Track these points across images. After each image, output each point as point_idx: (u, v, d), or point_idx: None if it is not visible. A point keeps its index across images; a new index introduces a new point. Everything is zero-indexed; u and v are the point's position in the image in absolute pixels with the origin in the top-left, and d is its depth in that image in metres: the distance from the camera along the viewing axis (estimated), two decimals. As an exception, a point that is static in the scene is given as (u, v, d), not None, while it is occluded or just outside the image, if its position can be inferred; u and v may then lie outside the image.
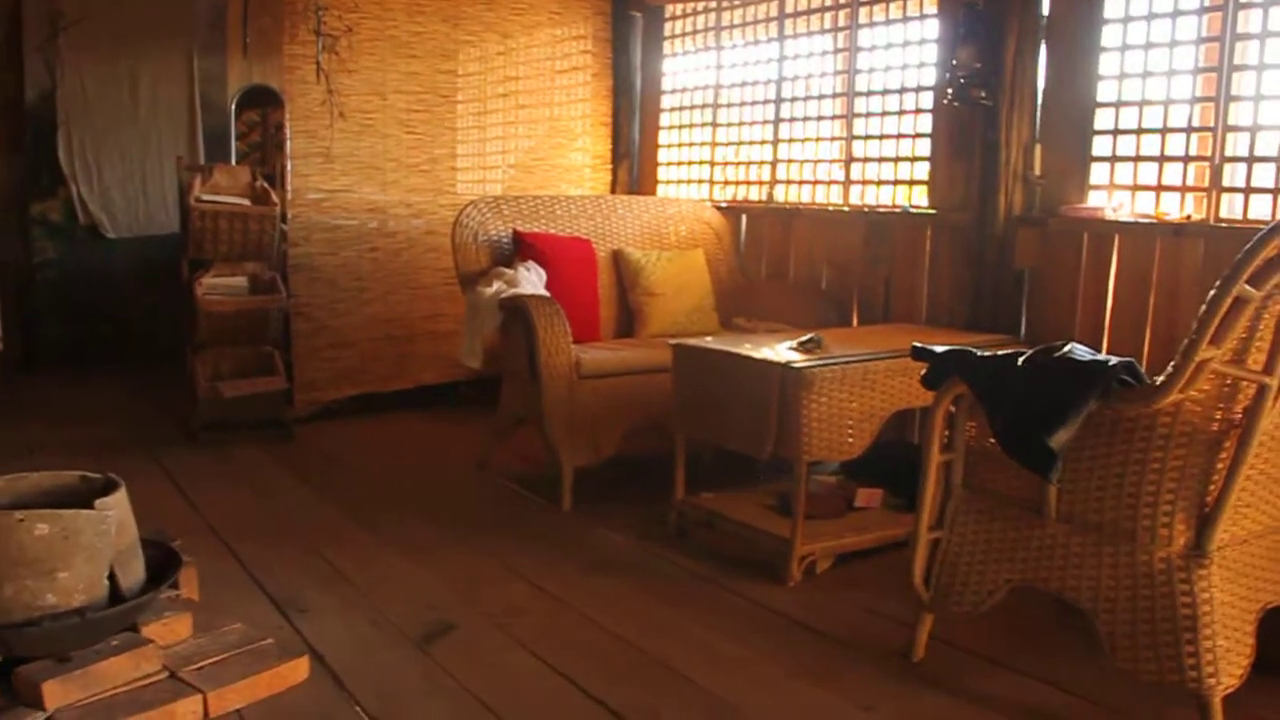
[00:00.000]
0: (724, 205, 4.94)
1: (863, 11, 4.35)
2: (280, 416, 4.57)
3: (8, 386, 5.20)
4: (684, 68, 5.37)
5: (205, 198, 4.43)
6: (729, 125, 5.06)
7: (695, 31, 5.28)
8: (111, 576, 2.21)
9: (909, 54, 4.16)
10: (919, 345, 2.52)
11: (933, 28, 4.03)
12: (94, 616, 2.15)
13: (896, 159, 4.24)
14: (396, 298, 5.02)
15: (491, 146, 5.36)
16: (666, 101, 5.48)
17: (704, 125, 5.22)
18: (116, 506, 2.21)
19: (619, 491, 3.85)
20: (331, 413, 4.87)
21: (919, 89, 4.12)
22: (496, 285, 3.85)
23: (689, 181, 5.32)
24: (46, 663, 2.15)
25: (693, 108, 5.30)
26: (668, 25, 5.44)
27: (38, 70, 6.02)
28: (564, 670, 2.47)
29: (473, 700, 2.32)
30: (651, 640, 2.65)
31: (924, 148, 4.10)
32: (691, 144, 5.32)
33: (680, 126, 5.40)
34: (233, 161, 6.17)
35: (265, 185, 4.60)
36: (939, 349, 2.45)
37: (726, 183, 5.10)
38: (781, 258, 4.68)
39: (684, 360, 3.34)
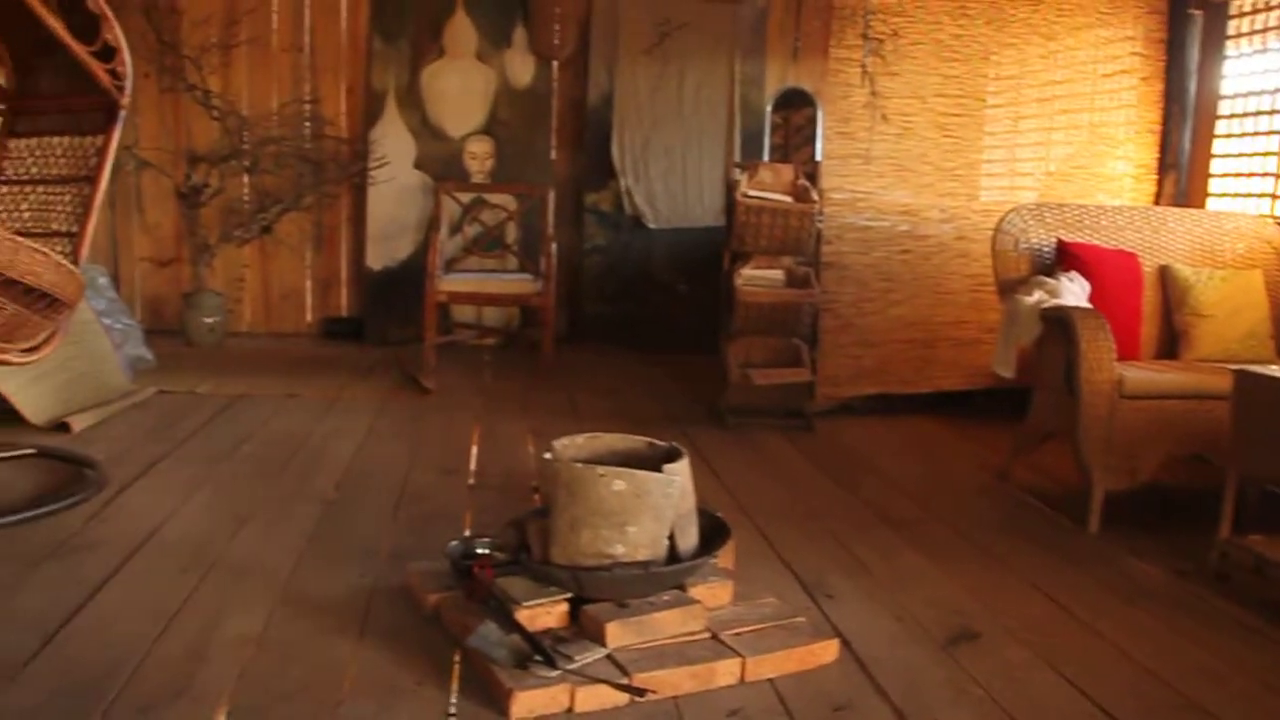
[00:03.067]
0: (1290, 223, 4.49)
1: None
2: (802, 408, 4.72)
3: (557, 355, 5.76)
4: (1247, 70, 4.92)
5: (751, 193, 4.66)
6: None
7: (1266, 29, 4.81)
8: (670, 537, 2.39)
9: None
10: None
11: None
12: (655, 571, 2.34)
13: None
14: (922, 301, 5.01)
15: (1025, 153, 5.20)
16: (1225, 107, 5.05)
17: (1270, 134, 4.75)
18: (681, 474, 2.39)
19: (1150, 520, 3.62)
20: (849, 409, 4.96)
21: None
22: (1038, 294, 3.74)
23: (1245, 195, 4.87)
24: (609, 605, 2.36)
25: (1256, 114, 4.84)
26: (1232, 24, 5.01)
27: (599, 74, 6.62)
28: (1095, 698, 2.35)
29: (1002, 715, 2.27)
30: (1189, 684, 2.46)
31: None
32: (1252, 154, 4.86)
33: (1239, 135, 4.95)
34: (766, 159, 6.45)
35: (806, 184, 4.75)
36: None
37: (1294, 198, 4.62)
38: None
39: (1251, 390, 3.06)
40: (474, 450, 4.15)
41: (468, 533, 3.12)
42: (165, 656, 2.35)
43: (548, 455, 2.50)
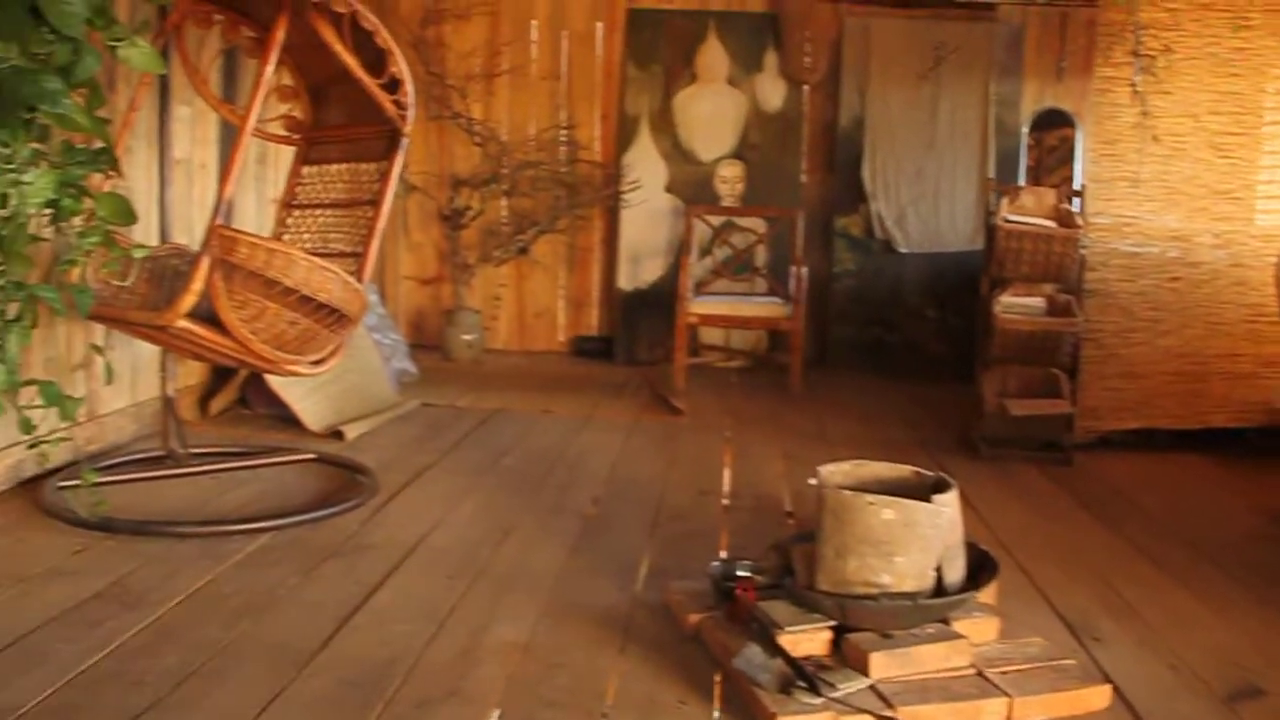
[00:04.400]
0: None
1: None
2: (1059, 440, 4.56)
3: (804, 379, 5.76)
4: None
5: (1012, 218, 4.56)
6: None
7: None
8: (937, 569, 2.36)
9: None
10: None
11: None
12: (922, 602, 2.32)
13: None
14: (1192, 332, 4.76)
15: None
16: None
17: None
18: (950, 505, 2.36)
19: None
20: (1109, 443, 4.76)
21: None
22: (1329, 327, 3.52)
23: None
24: (873, 635, 2.35)
25: None
26: None
27: (851, 97, 6.60)
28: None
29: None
30: None
31: None
32: None
33: None
34: (1020, 182, 6.28)
35: (1069, 208, 4.61)
36: None
37: None
38: None
39: None
40: (726, 471, 4.20)
41: (725, 554, 3.17)
42: (438, 657, 2.48)
43: (813, 481, 2.52)
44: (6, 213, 2.51)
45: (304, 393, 4.58)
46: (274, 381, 4.49)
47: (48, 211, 2.64)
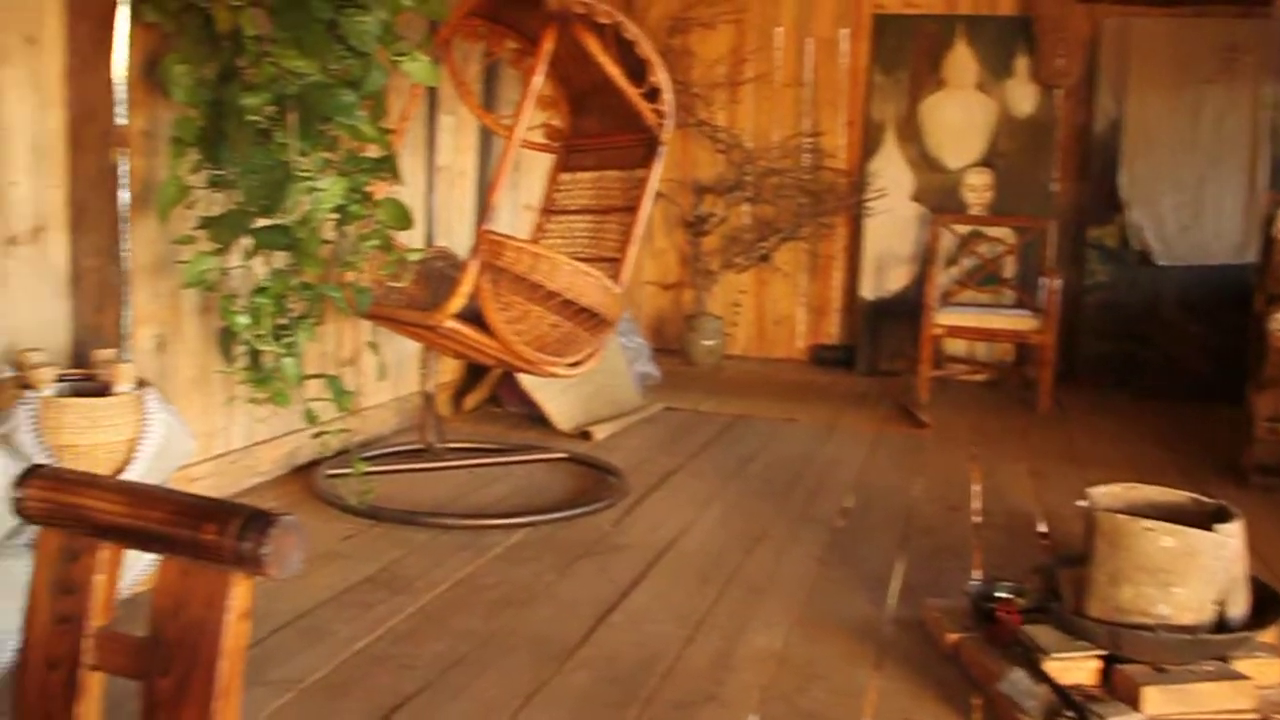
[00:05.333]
0: None
1: None
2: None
3: (1053, 394, 5.57)
4: None
5: (1294, 232, 4.29)
6: None
7: None
8: (1219, 603, 2.25)
9: None
10: None
11: None
12: (1201, 637, 2.22)
13: None
14: None
15: None
16: None
17: None
18: (1235, 535, 2.25)
19: None
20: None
21: None
22: None
23: None
24: (1145, 668, 2.26)
25: None
26: None
27: (1106, 101, 6.33)
28: None
29: None
30: None
31: None
32: None
33: None
34: (1300, 191, 5.89)
35: (1358, 221, 4.30)
36: None
37: None
38: None
39: None
40: (975, 487, 4.11)
41: (981, 573, 3.10)
42: (694, 661, 2.53)
43: (1083, 502, 2.44)
44: (300, 217, 2.70)
45: (554, 393, 4.73)
46: (526, 381, 4.66)
47: (334, 216, 2.84)
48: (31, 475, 1.14)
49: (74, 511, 1.12)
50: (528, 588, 2.95)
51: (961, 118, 6.54)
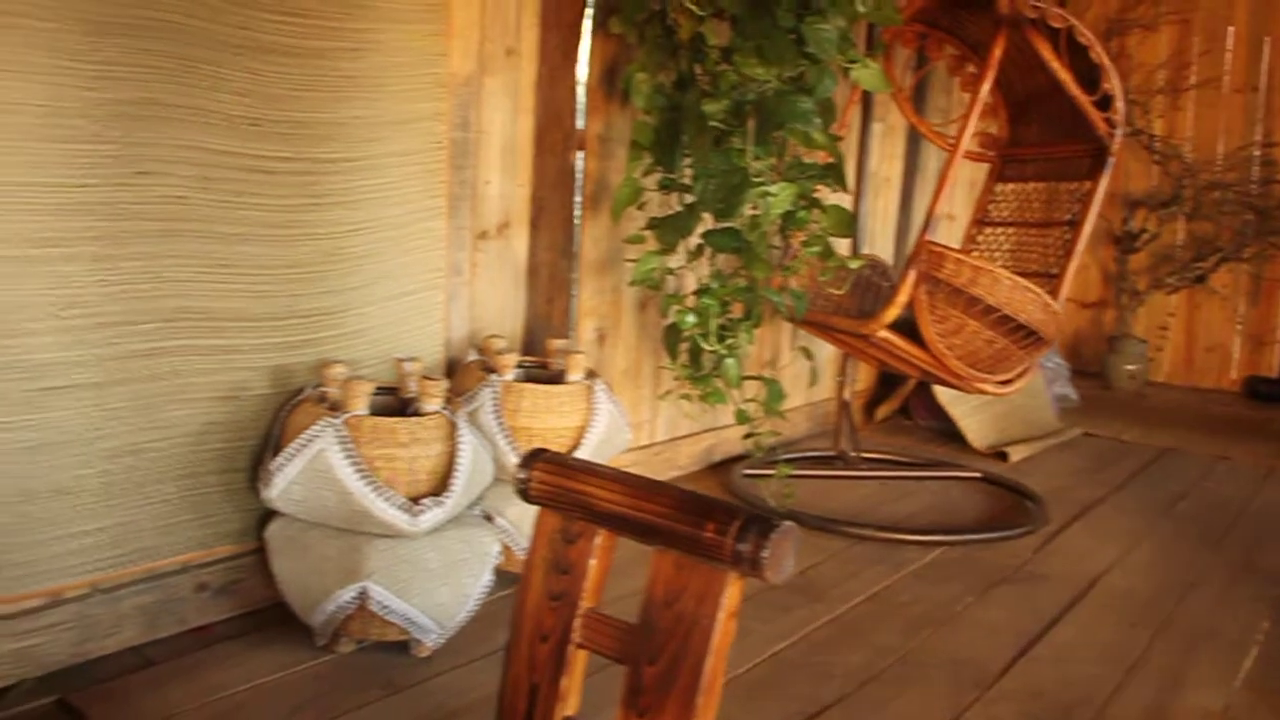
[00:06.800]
0: None
1: None
2: None
3: None
4: None
5: None
6: None
7: None
8: None
9: None
10: None
11: None
12: None
13: None
14: None
15: None
16: None
17: None
18: None
19: None
20: None
21: None
22: None
23: None
24: None
25: None
26: None
27: None
28: None
29: None
30: None
31: None
32: None
33: None
34: None
35: None
36: None
37: None
38: None
39: None
40: None
41: None
42: (1124, 711, 2.37)
43: None
44: (749, 221, 2.75)
45: (969, 410, 4.59)
46: (941, 395, 4.55)
47: (779, 221, 2.87)
48: (536, 459, 1.21)
49: (575, 497, 1.18)
50: (946, 608, 2.87)
51: None
